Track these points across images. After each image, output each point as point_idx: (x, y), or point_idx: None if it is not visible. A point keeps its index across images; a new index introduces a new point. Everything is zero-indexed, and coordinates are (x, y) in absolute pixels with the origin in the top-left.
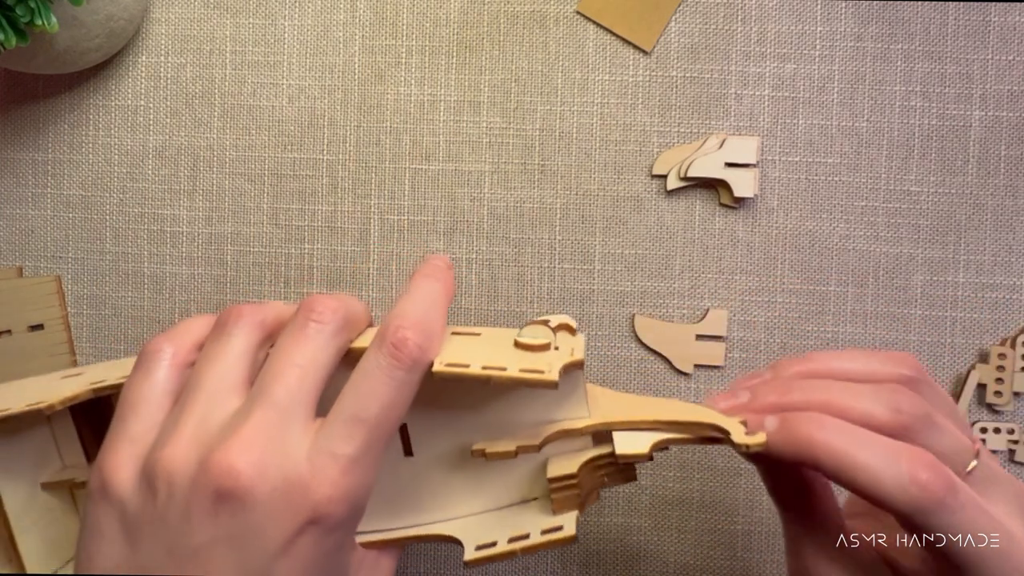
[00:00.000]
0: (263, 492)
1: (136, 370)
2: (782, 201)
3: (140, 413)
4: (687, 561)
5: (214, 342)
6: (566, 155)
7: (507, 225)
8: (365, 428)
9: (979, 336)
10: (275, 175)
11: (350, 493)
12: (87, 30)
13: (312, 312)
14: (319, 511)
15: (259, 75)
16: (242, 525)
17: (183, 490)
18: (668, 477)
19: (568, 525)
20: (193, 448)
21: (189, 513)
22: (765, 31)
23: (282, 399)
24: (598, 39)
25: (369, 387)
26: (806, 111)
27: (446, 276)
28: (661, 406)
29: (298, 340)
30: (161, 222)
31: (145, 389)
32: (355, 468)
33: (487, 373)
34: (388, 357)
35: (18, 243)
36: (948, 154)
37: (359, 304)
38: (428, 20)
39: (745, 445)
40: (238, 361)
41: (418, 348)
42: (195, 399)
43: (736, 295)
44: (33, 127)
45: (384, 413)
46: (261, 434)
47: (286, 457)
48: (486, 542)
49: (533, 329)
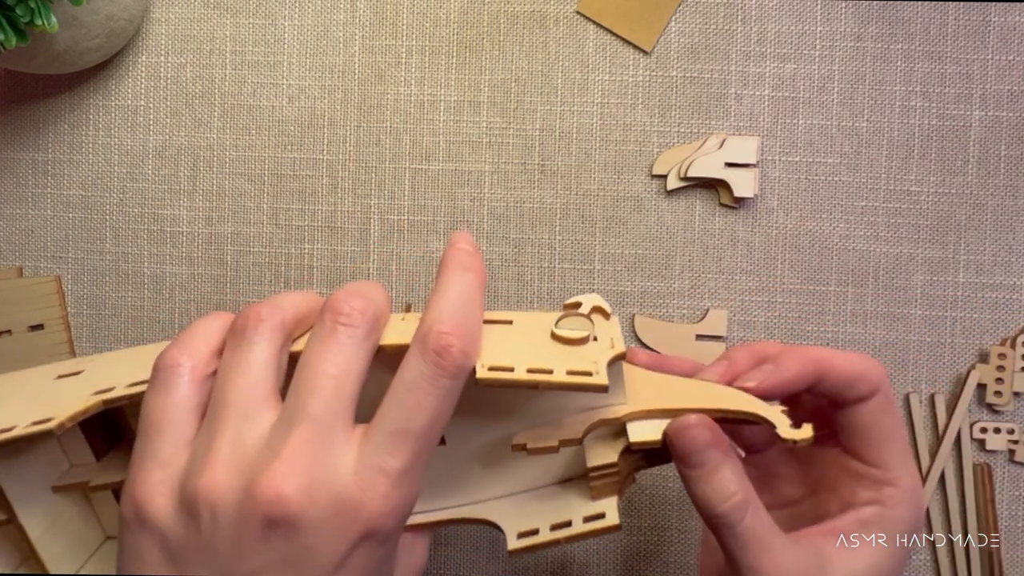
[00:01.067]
0: (314, 515)
1: (154, 387)
2: (782, 201)
3: (166, 434)
4: (687, 561)
5: (234, 351)
6: (566, 155)
7: (507, 225)
8: (412, 440)
9: (979, 336)
10: (275, 175)
11: (401, 506)
12: (87, 30)
13: (340, 315)
14: (372, 527)
15: (259, 75)
16: (296, 548)
17: (229, 518)
18: (668, 477)
19: (611, 513)
20: (233, 473)
21: (239, 541)
22: (765, 31)
23: (321, 414)
24: (598, 39)
25: (415, 400)
26: (806, 111)
27: (478, 263)
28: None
29: (329, 347)
30: (161, 222)
31: (168, 408)
32: (404, 481)
33: (534, 379)
34: (432, 367)
35: (18, 243)
36: (948, 154)
37: (382, 294)
38: (428, 20)
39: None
40: (264, 371)
41: (462, 354)
42: (225, 417)
43: (736, 295)
44: (33, 127)
45: (430, 425)
46: (304, 454)
47: (333, 475)
48: (527, 529)
49: (571, 321)
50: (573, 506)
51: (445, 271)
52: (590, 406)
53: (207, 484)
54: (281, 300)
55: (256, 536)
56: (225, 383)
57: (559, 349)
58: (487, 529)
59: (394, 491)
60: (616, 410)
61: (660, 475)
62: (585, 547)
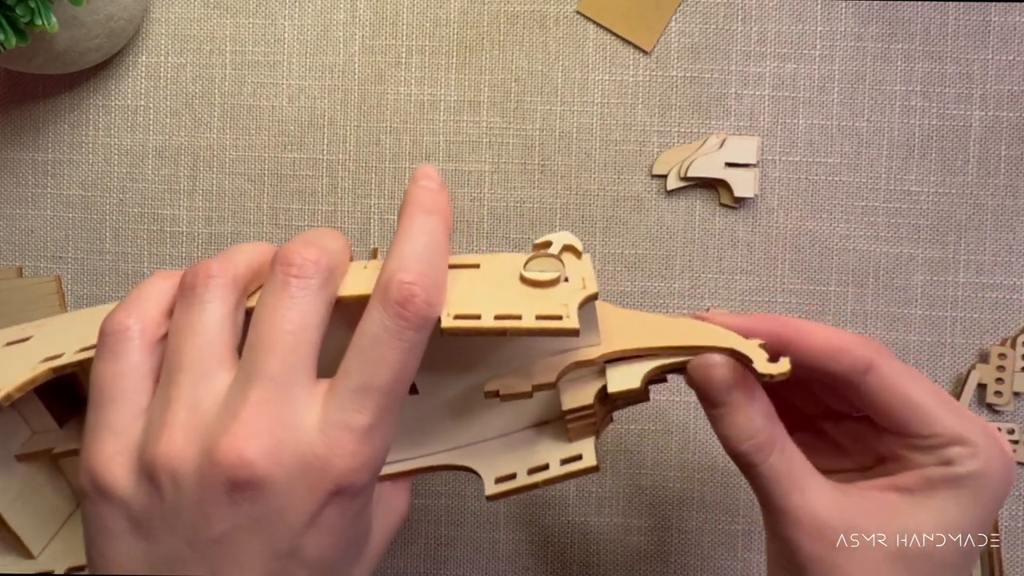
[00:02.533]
0: (280, 476)
1: (102, 353)
2: (782, 201)
3: (118, 402)
4: (687, 561)
5: (186, 311)
6: (566, 155)
7: (507, 225)
8: (377, 395)
9: (979, 336)
10: (275, 175)
11: (370, 461)
12: (87, 30)
13: (291, 267)
14: (341, 484)
15: (259, 75)
16: (263, 509)
17: (191, 484)
18: (668, 477)
19: (588, 454)
20: (192, 438)
21: (204, 506)
22: (765, 31)
23: (279, 372)
24: (598, 39)
25: (378, 353)
26: (806, 111)
27: (442, 203)
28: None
29: (282, 301)
30: (161, 222)
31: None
32: (371, 436)
33: (502, 325)
34: (395, 318)
35: (18, 243)
36: (948, 154)
37: (337, 241)
38: (428, 20)
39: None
40: (219, 330)
41: (426, 304)
42: (179, 381)
43: (736, 295)
44: (33, 127)
45: (396, 378)
46: (265, 414)
47: (297, 434)
48: (505, 474)
49: (540, 262)
50: (550, 449)
51: (406, 214)
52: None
53: (165, 451)
54: (233, 253)
55: (221, 500)
56: (178, 345)
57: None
58: (487, 529)
59: (362, 447)
60: (590, 351)
61: (660, 475)
62: (585, 547)
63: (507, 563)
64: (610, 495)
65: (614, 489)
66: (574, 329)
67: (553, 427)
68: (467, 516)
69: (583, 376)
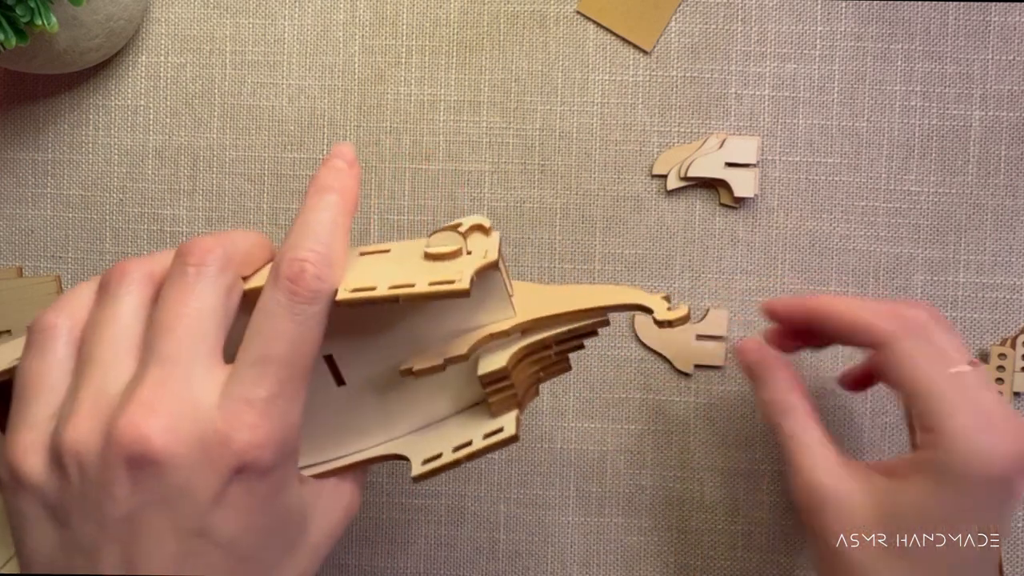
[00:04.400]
0: (180, 452)
1: (29, 350)
2: (782, 201)
3: (39, 396)
4: (687, 561)
5: (101, 307)
6: (566, 155)
7: (507, 225)
8: (275, 367)
9: (979, 336)
10: (275, 175)
11: (272, 435)
12: (87, 30)
13: (189, 256)
14: (244, 459)
15: (259, 75)
16: (166, 487)
17: (94, 466)
18: (668, 477)
19: (508, 426)
20: (95, 422)
21: (107, 486)
22: (765, 31)
23: (174, 352)
24: (598, 39)
25: (271, 327)
26: (806, 111)
27: (343, 181)
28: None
29: (180, 288)
30: (161, 222)
31: (42, 370)
32: (272, 409)
33: (394, 293)
34: (287, 293)
35: (18, 243)
36: (948, 154)
37: (245, 237)
38: (428, 20)
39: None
40: (130, 322)
41: (316, 279)
42: (89, 372)
43: (736, 295)
44: (33, 127)
45: (293, 349)
46: (163, 392)
47: (196, 410)
48: (431, 455)
49: (441, 236)
50: (474, 427)
51: (308, 193)
52: (479, 324)
53: (70, 436)
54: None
55: (123, 479)
56: (90, 337)
57: (429, 266)
58: (487, 530)
59: (262, 421)
60: (503, 324)
61: (660, 475)
62: (585, 547)
63: (507, 563)
64: (610, 495)
65: (614, 489)
66: (464, 291)
67: (480, 409)
68: (467, 516)
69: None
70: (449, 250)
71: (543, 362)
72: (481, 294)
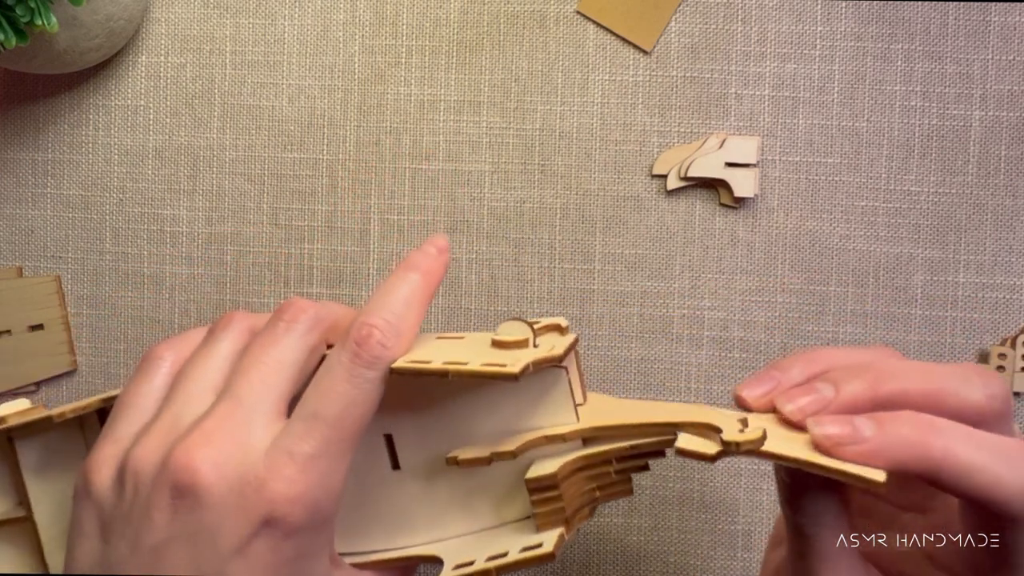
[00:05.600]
0: (219, 489)
1: (135, 375)
2: (782, 201)
3: (129, 415)
4: (687, 561)
5: (202, 347)
6: (566, 155)
7: (507, 225)
8: (323, 425)
9: (979, 336)
10: (275, 175)
11: (307, 494)
12: (87, 30)
13: (284, 313)
14: (273, 510)
15: (259, 75)
16: (198, 523)
17: (146, 487)
18: (668, 477)
19: (547, 542)
20: (160, 444)
21: (150, 509)
22: (765, 31)
23: (244, 395)
24: (598, 39)
25: (328, 385)
26: (806, 111)
27: (431, 265)
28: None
29: (267, 339)
30: (161, 222)
31: (139, 392)
32: (313, 467)
33: (445, 367)
34: (350, 354)
35: (18, 243)
36: (948, 154)
37: (341, 308)
38: (428, 20)
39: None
40: (219, 364)
41: (381, 345)
42: (174, 400)
43: (736, 295)
44: (33, 127)
45: (344, 411)
46: (222, 430)
47: (245, 453)
48: (464, 561)
49: (510, 325)
50: (516, 539)
51: (395, 270)
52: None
53: (136, 454)
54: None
55: (164, 505)
56: (184, 372)
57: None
58: None
59: (300, 476)
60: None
61: (660, 475)
62: (585, 547)
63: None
64: None
65: None
66: (513, 374)
67: (527, 523)
68: None
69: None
70: (514, 339)
71: (602, 479)
72: (540, 392)
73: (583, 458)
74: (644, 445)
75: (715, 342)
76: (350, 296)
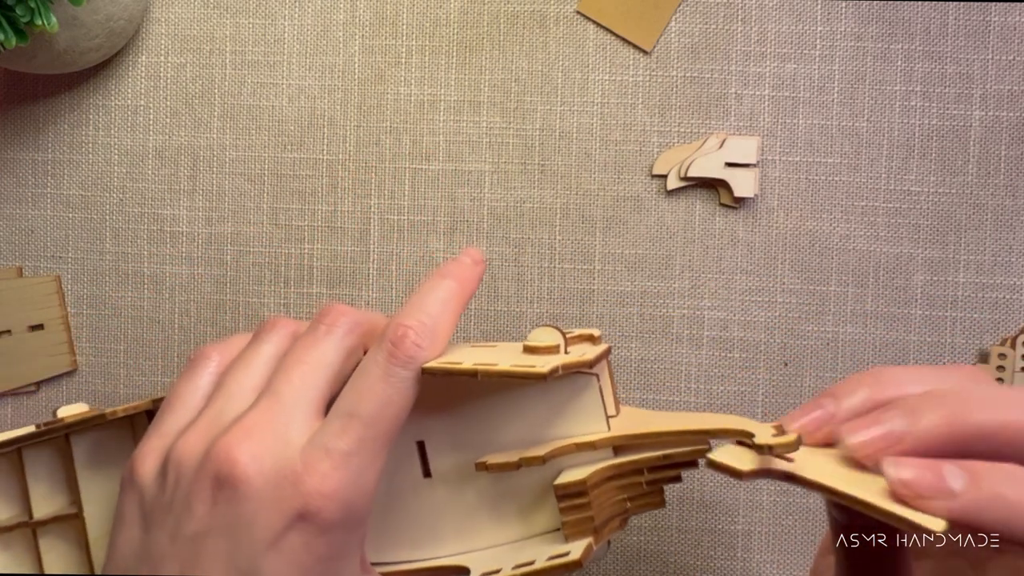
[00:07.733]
0: (257, 481)
1: (182, 373)
2: (782, 201)
3: (176, 411)
4: (687, 561)
5: (247, 349)
6: (566, 155)
7: (507, 225)
8: (359, 424)
9: (979, 336)
10: (275, 175)
11: (341, 490)
12: (87, 30)
13: (325, 317)
14: (308, 504)
15: (259, 75)
16: (235, 514)
17: (188, 478)
18: None
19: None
20: (204, 438)
21: (191, 499)
22: (765, 31)
23: (285, 393)
24: (598, 39)
25: (364, 384)
26: (806, 111)
27: (466, 274)
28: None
29: (308, 341)
30: (161, 222)
31: (187, 390)
32: (347, 464)
33: (475, 368)
34: (385, 353)
35: (18, 243)
36: (948, 154)
37: (378, 316)
38: (428, 20)
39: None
40: (262, 365)
41: (415, 346)
42: (218, 397)
43: (736, 295)
44: (33, 127)
45: (380, 410)
46: (262, 425)
47: (284, 448)
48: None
49: (542, 331)
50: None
51: (431, 276)
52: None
53: (180, 447)
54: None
55: (205, 496)
56: (229, 371)
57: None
58: None
59: (335, 472)
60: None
61: None
62: None
63: None
64: None
65: None
66: (541, 375)
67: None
68: None
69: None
70: (545, 344)
71: (633, 490)
72: (570, 399)
73: (614, 467)
74: (676, 455)
75: (715, 342)
76: (350, 296)
